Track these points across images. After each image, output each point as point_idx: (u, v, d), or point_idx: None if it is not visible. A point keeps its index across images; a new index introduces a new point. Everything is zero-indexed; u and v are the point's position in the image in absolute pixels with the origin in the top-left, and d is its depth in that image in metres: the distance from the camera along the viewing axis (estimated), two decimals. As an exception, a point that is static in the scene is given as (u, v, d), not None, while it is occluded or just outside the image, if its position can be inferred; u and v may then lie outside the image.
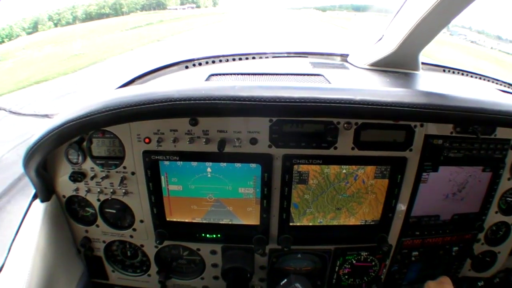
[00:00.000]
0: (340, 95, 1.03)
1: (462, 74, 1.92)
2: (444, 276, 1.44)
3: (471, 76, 1.92)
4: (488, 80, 1.92)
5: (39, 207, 1.27)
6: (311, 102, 1.01)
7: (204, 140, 1.17)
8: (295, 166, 1.23)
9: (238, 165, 1.24)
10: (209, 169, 1.25)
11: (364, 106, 1.02)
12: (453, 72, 1.91)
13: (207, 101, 1.00)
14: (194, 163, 1.24)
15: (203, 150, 1.20)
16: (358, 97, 1.03)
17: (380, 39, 1.56)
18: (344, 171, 1.26)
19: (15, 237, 1.27)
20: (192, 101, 1.00)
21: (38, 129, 1.13)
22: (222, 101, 1.00)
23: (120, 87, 1.48)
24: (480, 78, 1.91)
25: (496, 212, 1.45)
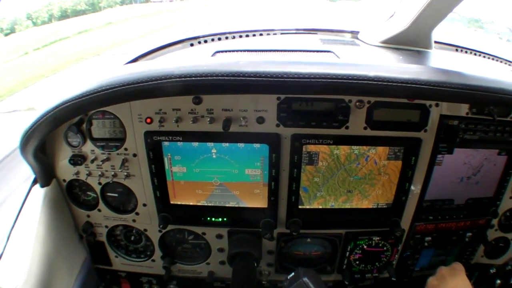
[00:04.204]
0: (353, 71, 0.97)
1: (475, 54, 1.85)
2: (457, 262, 1.40)
3: (484, 57, 1.85)
4: (501, 61, 1.85)
5: (39, 192, 1.24)
6: (321, 78, 0.95)
7: (209, 119, 1.12)
8: (305, 147, 1.18)
9: (244, 145, 1.19)
10: (214, 150, 1.20)
11: (379, 83, 0.97)
12: (466, 52, 1.85)
13: (209, 78, 0.94)
14: (198, 144, 1.19)
15: (208, 130, 1.15)
16: (372, 73, 0.97)
17: (391, 16, 1.49)
18: (355, 151, 1.20)
19: (14, 223, 1.24)
20: (193, 78, 0.94)
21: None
22: (226, 77, 0.94)
23: None
24: (493, 59, 1.84)
25: (511, 198, 1.39)
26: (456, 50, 1.84)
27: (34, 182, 1.26)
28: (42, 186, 1.24)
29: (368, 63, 1.13)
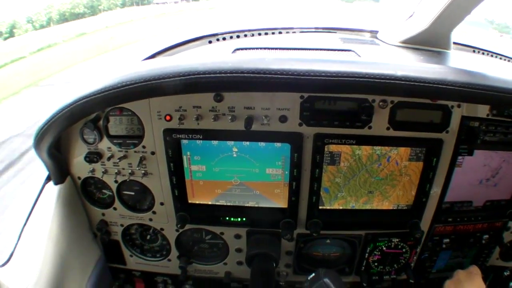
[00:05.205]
0: (381, 70, 0.95)
1: (492, 56, 1.84)
2: (473, 265, 1.39)
3: (501, 58, 1.85)
4: None
5: (52, 189, 1.22)
6: (349, 77, 0.94)
7: (230, 117, 1.10)
8: (327, 147, 1.16)
9: (265, 144, 1.17)
10: (235, 149, 1.17)
11: (406, 83, 0.95)
12: (483, 53, 1.84)
13: (234, 74, 0.92)
14: (218, 142, 1.17)
15: (229, 128, 1.13)
16: (399, 72, 0.95)
17: (411, 16, 1.48)
18: (377, 152, 1.19)
19: (26, 221, 1.22)
20: (218, 74, 0.92)
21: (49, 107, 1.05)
22: (251, 74, 0.92)
23: None
24: (509, 61, 1.83)
25: None
26: (474, 51, 1.84)
27: (48, 179, 1.23)
28: (56, 184, 1.21)
29: (391, 62, 1.11)
